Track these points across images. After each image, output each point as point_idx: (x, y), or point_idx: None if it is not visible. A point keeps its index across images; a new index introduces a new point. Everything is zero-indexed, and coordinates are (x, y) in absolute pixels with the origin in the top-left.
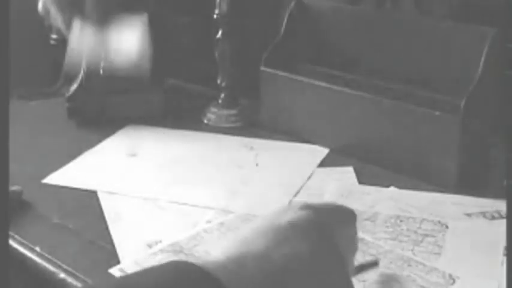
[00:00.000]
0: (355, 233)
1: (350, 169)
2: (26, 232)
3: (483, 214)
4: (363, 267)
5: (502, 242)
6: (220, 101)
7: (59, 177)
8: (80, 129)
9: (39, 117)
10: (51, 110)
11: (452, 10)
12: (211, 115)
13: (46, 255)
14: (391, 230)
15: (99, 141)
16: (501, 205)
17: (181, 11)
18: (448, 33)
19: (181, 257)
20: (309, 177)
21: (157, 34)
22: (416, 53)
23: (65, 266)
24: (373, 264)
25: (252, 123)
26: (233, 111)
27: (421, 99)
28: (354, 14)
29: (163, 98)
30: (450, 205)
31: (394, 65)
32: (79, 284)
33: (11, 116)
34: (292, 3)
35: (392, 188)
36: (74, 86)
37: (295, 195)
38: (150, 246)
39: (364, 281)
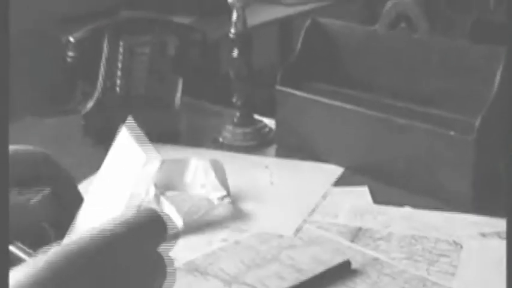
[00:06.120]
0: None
1: (365, 188)
2: None
3: (498, 234)
4: (335, 269)
5: None
6: (235, 120)
7: None
8: (96, 146)
9: (55, 134)
10: (66, 128)
11: (466, 30)
12: (226, 133)
13: None
14: (405, 249)
15: None
16: None
17: (196, 30)
18: (462, 53)
19: (196, 275)
20: (324, 197)
21: (171, 53)
22: (431, 72)
23: None
24: (345, 265)
25: (267, 142)
26: (248, 130)
27: (436, 118)
28: (369, 33)
29: (179, 116)
30: (465, 225)
31: (408, 85)
32: None
33: (27, 134)
34: (308, 22)
35: (407, 208)
36: (90, 104)
37: (310, 214)
38: None
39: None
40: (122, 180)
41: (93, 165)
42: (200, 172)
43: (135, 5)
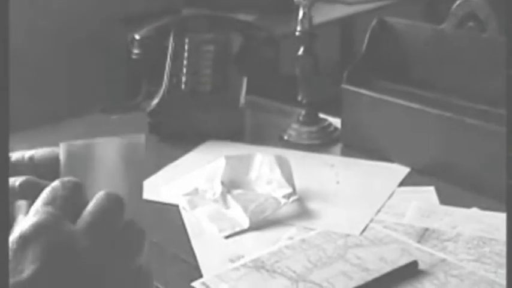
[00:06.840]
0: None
1: (431, 189)
2: None
3: None
4: (402, 270)
5: None
6: (300, 118)
7: None
8: (161, 143)
9: (120, 131)
10: (132, 124)
11: None
12: (292, 132)
13: None
14: (473, 251)
15: (180, 155)
16: None
17: (260, 27)
18: None
19: (262, 273)
20: (390, 196)
21: (236, 50)
22: (499, 72)
23: None
24: (412, 265)
25: (332, 141)
26: (313, 128)
27: (503, 119)
28: (436, 33)
29: (244, 113)
30: None
31: (476, 84)
32: None
33: (93, 130)
34: (374, 22)
35: (474, 209)
36: (156, 101)
37: (376, 213)
38: (232, 261)
39: None
40: None
41: (159, 162)
42: (266, 168)
43: (196, 3)
